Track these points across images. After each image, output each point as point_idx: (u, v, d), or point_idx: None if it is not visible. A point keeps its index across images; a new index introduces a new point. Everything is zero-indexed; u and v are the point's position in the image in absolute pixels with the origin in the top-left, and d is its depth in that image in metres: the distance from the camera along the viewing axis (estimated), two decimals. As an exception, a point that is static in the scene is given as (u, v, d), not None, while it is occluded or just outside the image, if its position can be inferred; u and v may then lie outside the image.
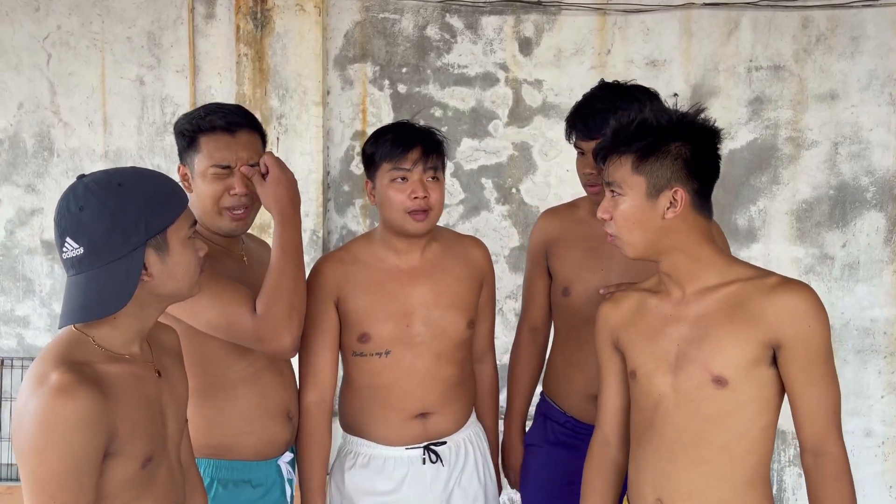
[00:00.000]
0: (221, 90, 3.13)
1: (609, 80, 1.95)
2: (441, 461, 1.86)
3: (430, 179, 1.74)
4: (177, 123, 1.71)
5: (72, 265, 1.20)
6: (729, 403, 1.46)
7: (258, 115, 3.05)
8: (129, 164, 3.20)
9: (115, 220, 1.19)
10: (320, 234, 3.12)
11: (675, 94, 3.05)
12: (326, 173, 3.17)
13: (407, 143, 1.73)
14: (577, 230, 1.97)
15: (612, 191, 1.48)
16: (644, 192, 1.44)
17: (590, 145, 1.81)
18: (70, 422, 1.13)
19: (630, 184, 1.45)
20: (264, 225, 3.08)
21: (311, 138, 3.09)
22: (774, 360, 1.46)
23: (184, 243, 1.27)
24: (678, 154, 1.45)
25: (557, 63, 3.12)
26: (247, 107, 3.04)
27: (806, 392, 1.45)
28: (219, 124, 1.66)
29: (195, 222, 1.31)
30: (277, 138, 3.09)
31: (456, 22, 3.14)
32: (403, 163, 1.73)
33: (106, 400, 1.17)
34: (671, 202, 1.44)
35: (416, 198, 1.72)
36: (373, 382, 1.84)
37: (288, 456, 1.76)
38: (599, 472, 1.67)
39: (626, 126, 1.47)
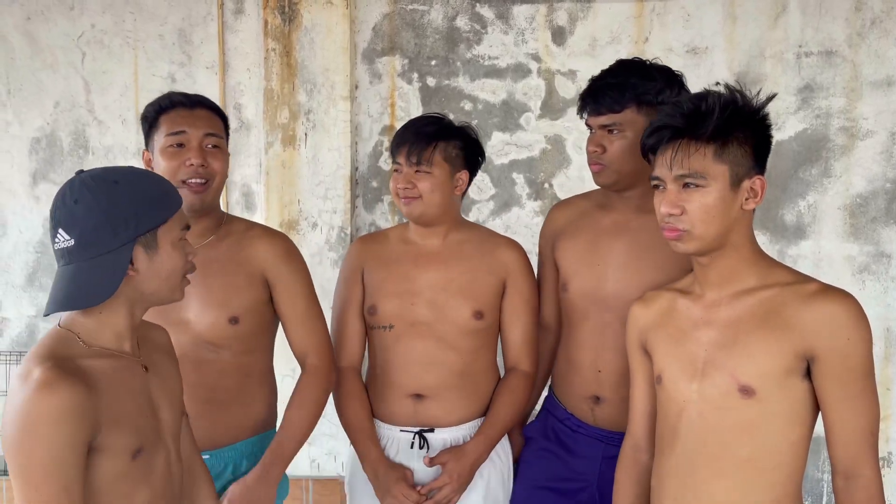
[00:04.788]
0: (250, 86, 3.11)
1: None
2: (428, 449, 1.86)
3: (416, 172, 1.84)
4: (141, 113, 1.76)
5: (62, 256, 1.24)
6: (756, 415, 1.36)
7: (286, 111, 3.05)
8: (162, 162, 3.22)
9: (106, 216, 1.22)
10: (348, 231, 3.07)
11: (718, 83, 2.89)
12: (355, 169, 3.12)
13: (401, 140, 1.87)
14: (581, 222, 1.90)
15: (686, 183, 1.36)
16: (727, 182, 1.34)
17: (597, 121, 1.77)
18: (52, 415, 1.16)
19: (713, 174, 1.34)
20: (292, 222, 3.06)
21: (339, 133, 3.04)
22: (809, 372, 1.35)
23: (174, 245, 1.30)
24: (754, 141, 1.35)
25: (592, 52, 3.00)
26: (275, 102, 3.05)
27: (840, 409, 1.34)
28: (177, 100, 1.70)
29: (188, 226, 1.34)
30: (305, 134, 3.05)
31: (486, 12, 3.05)
32: (397, 156, 1.88)
33: (88, 393, 1.20)
34: (750, 191, 1.35)
35: (398, 187, 1.87)
36: (378, 357, 1.92)
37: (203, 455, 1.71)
38: (630, 477, 1.60)
39: (705, 110, 1.34)
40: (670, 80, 1.77)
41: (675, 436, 1.44)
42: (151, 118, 1.72)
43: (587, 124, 1.82)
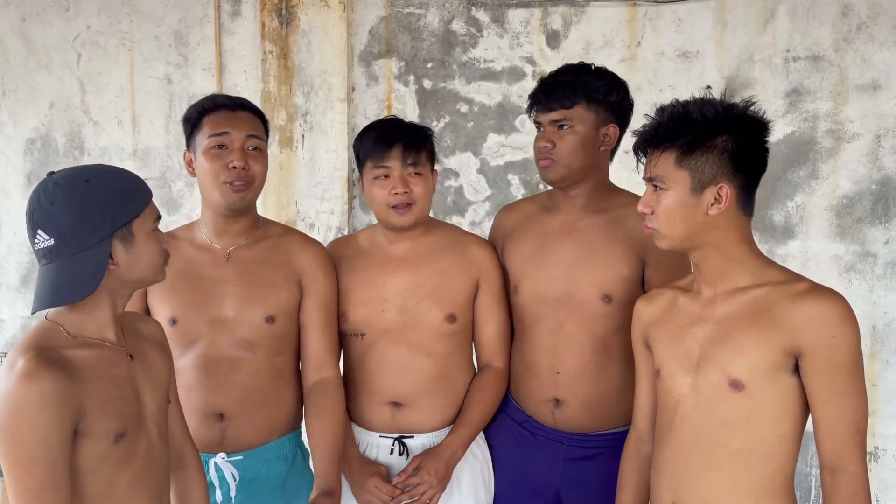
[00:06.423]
0: (247, 87, 3.12)
1: (640, 72, 1.90)
2: (408, 455, 1.84)
3: (411, 175, 1.77)
4: (184, 114, 1.79)
5: (43, 255, 1.29)
6: (745, 408, 1.41)
7: (283, 113, 3.07)
8: (158, 163, 3.23)
9: (83, 214, 1.27)
10: (345, 232, 3.10)
11: (708, 87, 2.95)
12: (351, 170, 3.15)
13: (387, 142, 1.77)
14: (528, 225, 1.90)
15: (655, 185, 1.44)
16: (688, 187, 1.40)
17: (548, 116, 1.77)
18: (35, 401, 1.21)
19: (673, 178, 1.40)
20: (289, 223, 3.08)
21: (335, 135, 3.07)
22: (798, 369, 1.40)
23: (148, 235, 1.36)
24: (724, 148, 1.39)
25: (586, 56, 3.04)
26: (272, 104, 3.07)
27: (827, 405, 1.38)
28: (220, 102, 1.74)
29: (159, 217, 1.39)
30: (303, 136, 3.08)
31: (482, 16, 3.09)
32: (384, 160, 1.76)
33: (70, 381, 1.26)
34: (716, 198, 1.40)
35: (395, 193, 1.77)
36: (353, 364, 1.89)
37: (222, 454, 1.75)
38: (634, 468, 1.65)
39: (668, 119, 1.42)
40: (617, 81, 1.82)
41: (671, 428, 1.50)
42: (194, 119, 1.74)
43: (536, 122, 1.82)
